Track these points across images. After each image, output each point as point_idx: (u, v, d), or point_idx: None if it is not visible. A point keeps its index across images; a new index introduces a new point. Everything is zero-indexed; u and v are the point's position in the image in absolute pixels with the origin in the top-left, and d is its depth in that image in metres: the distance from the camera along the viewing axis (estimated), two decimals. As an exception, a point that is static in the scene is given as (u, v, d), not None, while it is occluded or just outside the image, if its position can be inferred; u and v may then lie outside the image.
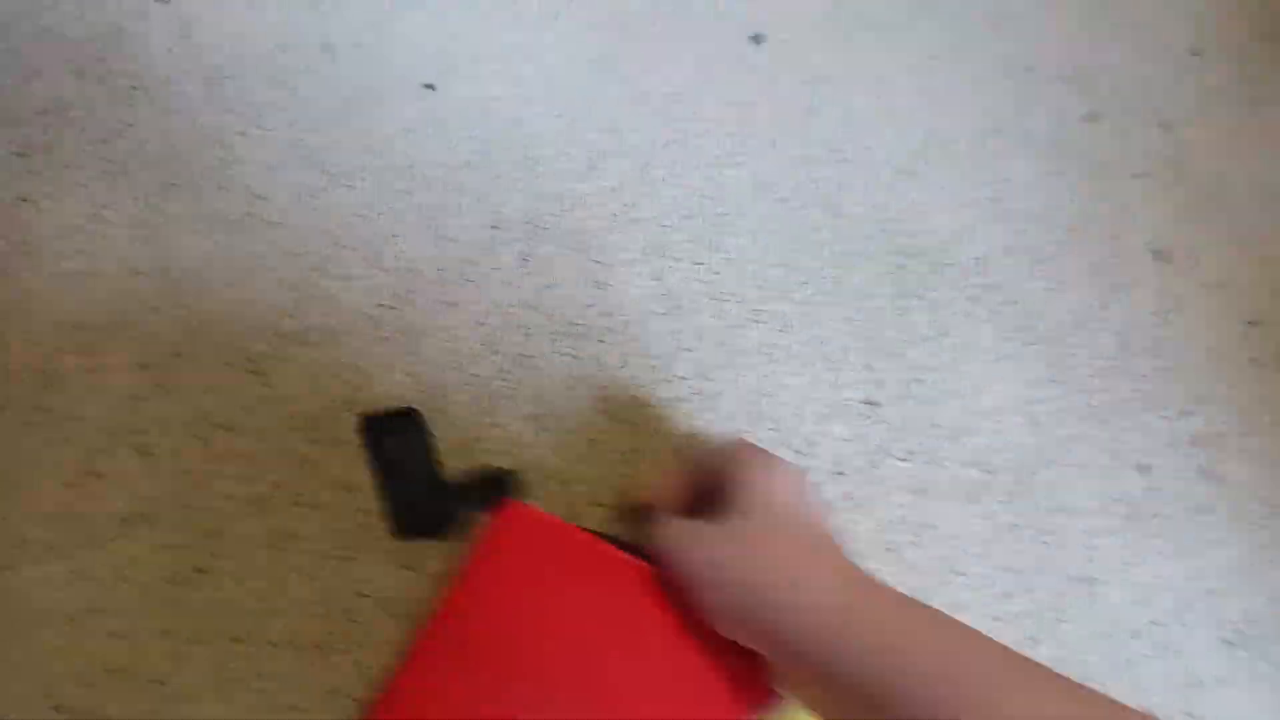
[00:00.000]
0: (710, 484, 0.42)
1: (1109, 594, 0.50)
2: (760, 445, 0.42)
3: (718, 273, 0.60)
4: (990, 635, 0.42)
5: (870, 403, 0.55)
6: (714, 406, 0.53)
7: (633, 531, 0.44)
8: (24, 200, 0.52)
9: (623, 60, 0.71)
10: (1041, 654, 0.47)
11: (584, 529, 0.41)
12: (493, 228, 0.58)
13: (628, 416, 0.52)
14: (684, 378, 0.54)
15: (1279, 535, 0.53)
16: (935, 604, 0.47)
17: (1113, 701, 0.33)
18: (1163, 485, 0.55)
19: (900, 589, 0.47)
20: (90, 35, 0.61)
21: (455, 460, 0.48)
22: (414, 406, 0.47)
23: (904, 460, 0.53)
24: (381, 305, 0.53)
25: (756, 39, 0.76)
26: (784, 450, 0.52)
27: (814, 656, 0.35)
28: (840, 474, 0.51)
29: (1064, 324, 0.62)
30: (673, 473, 0.45)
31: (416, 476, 0.44)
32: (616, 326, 0.56)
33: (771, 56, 0.75)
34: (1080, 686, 0.33)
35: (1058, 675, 0.34)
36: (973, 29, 0.84)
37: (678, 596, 0.39)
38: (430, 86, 0.65)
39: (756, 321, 0.58)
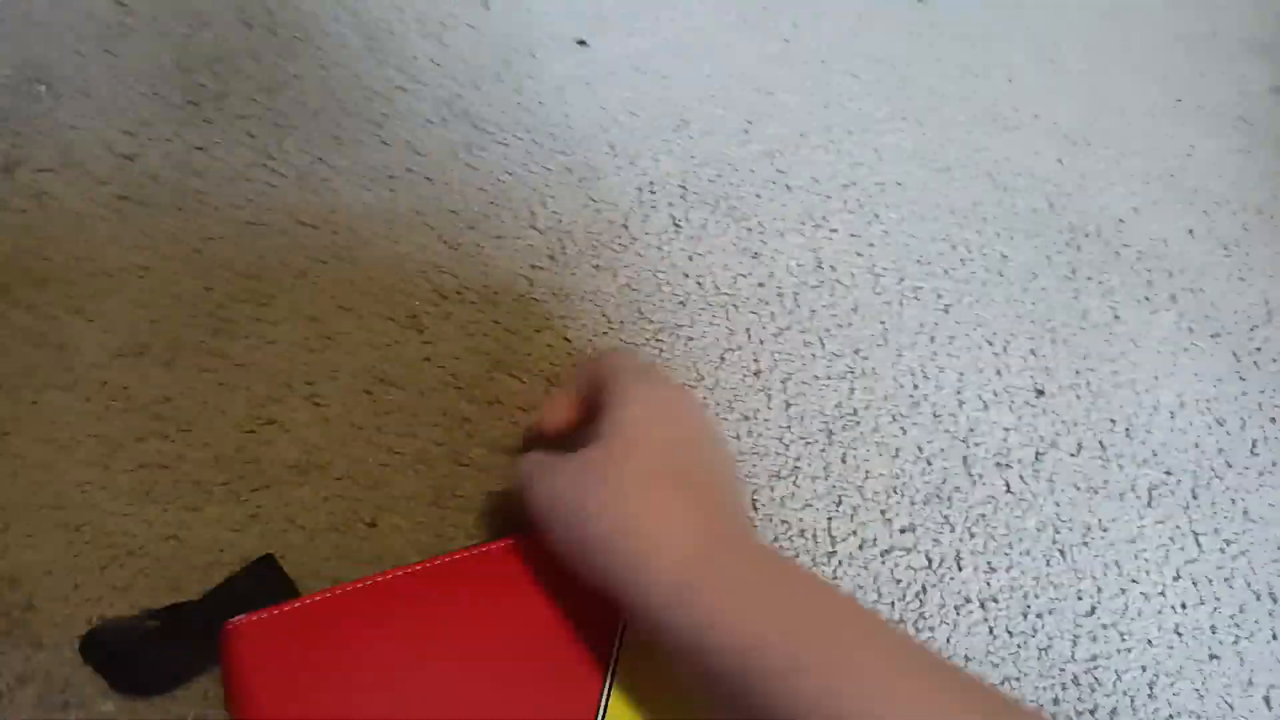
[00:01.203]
0: (590, 406, 0.37)
1: (1296, 611, 0.46)
2: (643, 359, 0.37)
3: (874, 245, 0.57)
4: (1162, 657, 0.39)
5: (1038, 391, 0.52)
6: (870, 386, 0.51)
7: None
8: (198, 149, 0.53)
9: (779, 17, 0.68)
10: (1220, 670, 0.44)
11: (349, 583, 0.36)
12: (644, 190, 0.57)
13: (782, 392, 0.50)
14: (839, 354, 0.52)
15: None
16: (1103, 612, 0.45)
17: (1003, 699, 0.28)
18: (1360, 497, 0.50)
19: (1069, 594, 0.45)
20: (257, -15, 0.61)
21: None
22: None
23: (1074, 455, 0.50)
24: (535, 266, 0.53)
25: (921, -3, 0.72)
26: (943, 435, 0.50)
27: (660, 635, 0.30)
28: (1005, 465, 0.49)
29: (1251, 315, 0.57)
30: (559, 394, 0.40)
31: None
32: (770, 298, 0.54)
33: (935, 14, 0.71)
34: (973, 684, 0.28)
35: (939, 669, 0.28)
36: (1156, -11, 0.78)
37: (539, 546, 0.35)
38: (582, 43, 0.64)
39: (916, 299, 0.55)
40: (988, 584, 0.45)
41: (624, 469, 0.32)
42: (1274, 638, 0.45)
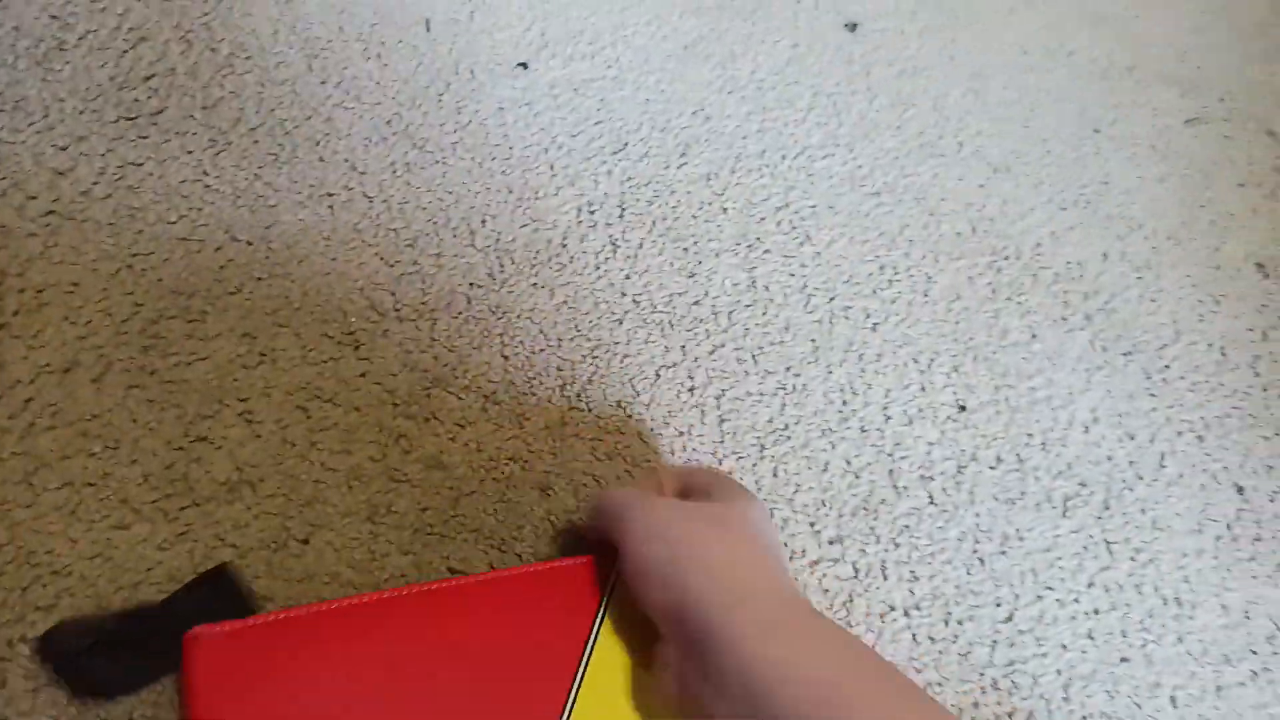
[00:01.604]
0: (690, 491, 0.43)
1: (1201, 616, 0.48)
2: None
3: (806, 266, 0.59)
4: (1076, 661, 0.41)
5: (960, 406, 0.54)
6: (801, 402, 0.53)
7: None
8: (133, 164, 0.53)
9: (715, 45, 0.70)
10: (1129, 673, 0.46)
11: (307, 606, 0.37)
12: (583, 210, 0.58)
13: (716, 409, 0.51)
14: (771, 371, 0.54)
15: (1391, 569, 0.52)
16: (1020, 619, 0.47)
17: None
18: (1260, 506, 0.53)
19: (987, 601, 0.47)
20: (196, 0, 0.61)
21: (534, 444, 0.48)
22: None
23: (993, 468, 0.52)
24: (474, 284, 0.53)
25: (851, 27, 0.75)
26: (870, 450, 0.51)
27: (734, 661, 0.33)
28: (928, 478, 0.51)
29: (1160, 335, 0.60)
30: (657, 471, 0.45)
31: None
32: (705, 316, 0.55)
33: (866, 45, 0.74)
34: None
35: None
36: (1072, 25, 0.81)
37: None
38: (524, 65, 0.65)
39: (845, 318, 0.57)
40: (911, 592, 0.47)
41: (745, 522, 0.39)
42: (1179, 641, 0.47)
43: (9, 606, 0.39)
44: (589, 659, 0.38)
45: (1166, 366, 0.59)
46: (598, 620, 0.39)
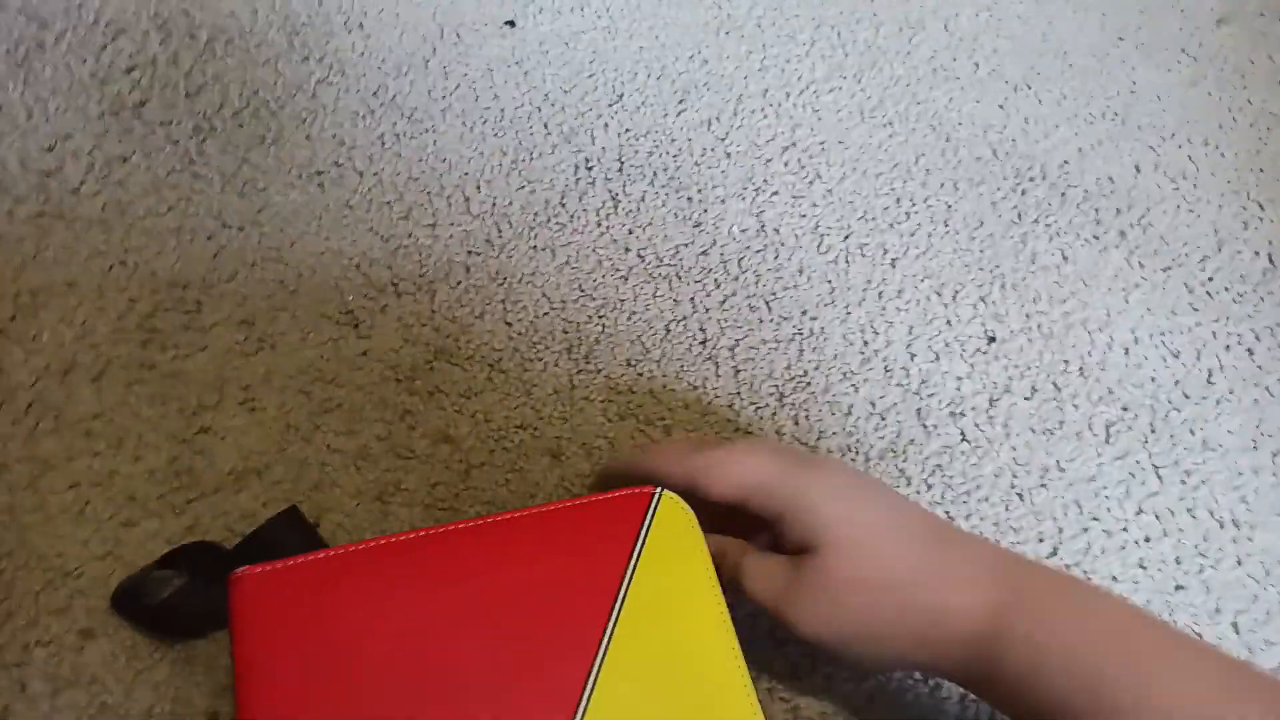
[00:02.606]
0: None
1: (1261, 537, 0.46)
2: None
3: (817, 205, 0.56)
4: (1128, 592, 0.39)
5: (989, 338, 0.51)
6: (819, 347, 0.50)
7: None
8: (119, 159, 0.52)
9: (710, -16, 0.67)
10: (1187, 601, 0.43)
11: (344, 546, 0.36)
12: (581, 168, 0.56)
13: (730, 359, 0.49)
14: (786, 317, 0.51)
15: None
16: (1066, 552, 0.44)
17: None
18: (1320, 418, 0.50)
19: (1029, 536, 0.44)
20: (172, -10, 0.60)
21: (531, 414, 0.47)
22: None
23: (1028, 399, 0.49)
24: (472, 252, 0.52)
25: (852, -47, 0.71)
26: (895, 390, 0.49)
27: (982, 687, 0.33)
28: (959, 414, 0.48)
29: (1203, 246, 0.57)
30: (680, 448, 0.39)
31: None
32: (714, 266, 0.53)
33: (869, -29, 0.70)
34: None
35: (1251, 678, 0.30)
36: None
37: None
38: (510, 23, 0.63)
39: (862, 255, 0.54)
40: (946, 535, 0.44)
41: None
42: (1238, 564, 0.45)
43: (23, 611, 0.39)
44: (628, 590, 0.36)
45: (1210, 279, 0.55)
46: (635, 553, 0.37)
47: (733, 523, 0.38)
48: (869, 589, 0.33)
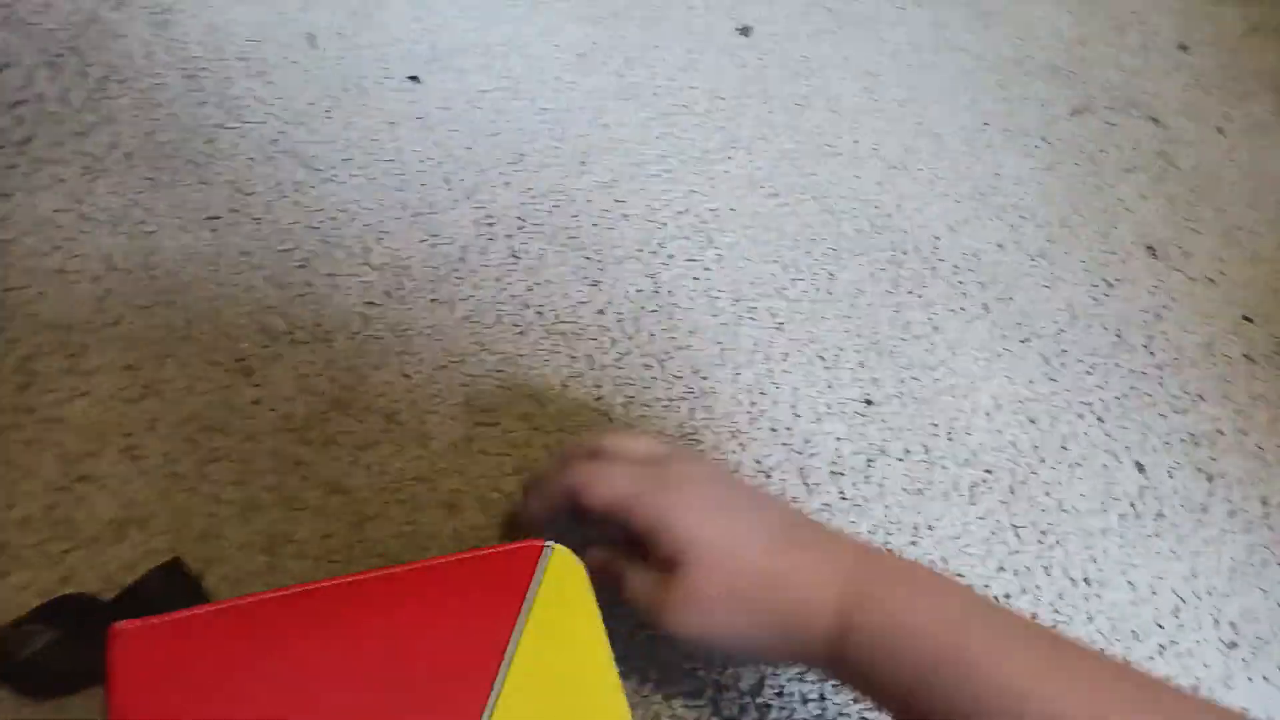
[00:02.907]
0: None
1: (1109, 594, 0.49)
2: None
3: (710, 269, 0.59)
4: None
5: (866, 400, 0.54)
6: (710, 406, 0.53)
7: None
8: (2, 196, 0.50)
9: (610, 53, 0.70)
10: (1041, 653, 0.47)
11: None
12: (482, 224, 0.57)
13: (624, 416, 0.51)
14: (679, 376, 0.53)
15: (1278, 533, 0.53)
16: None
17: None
18: (1160, 483, 0.55)
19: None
20: (63, 24, 0.59)
21: (444, 465, 0.47)
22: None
23: (901, 459, 0.52)
24: (371, 303, 0.52)
25: (744, 31, 0.76)
26: (780, 449, 0.51)
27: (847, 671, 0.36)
28: (838, 474, 0.51)
29: (1058, 320, 0.62)
30: (549, 483, 0.41)
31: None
32: (610, 324, 0.55)
33: (759, 49, 0.75)
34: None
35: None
36: (959, 22, 0.83)
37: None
38: (415, 79, 0.64)
39: (751, 319, 0.57)
40: (824, 589, 0.47)
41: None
42: (1090, 619, 0.48)
43: None
44: (518, 644, 0.37)
45: (1064, 350, 0.60)
46: (525, 607, 0.38)
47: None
48: (730, 599, 0.36)
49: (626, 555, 0.39)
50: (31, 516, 0.42)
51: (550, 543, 0.39)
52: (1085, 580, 0.50)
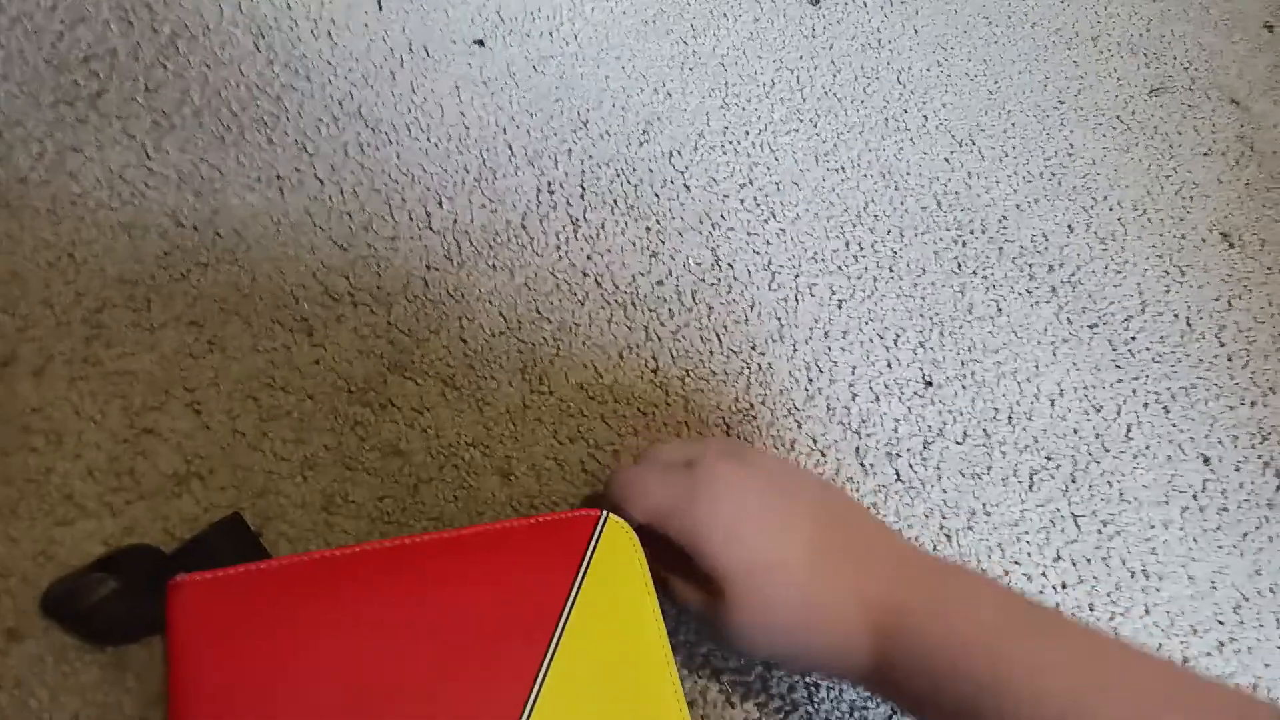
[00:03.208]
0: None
1: (1168, 588, 0.48)
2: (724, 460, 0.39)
3: (771, 243, 0.58)
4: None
5: (926, 382, 0.53)
6: (766, 381, 0.52)
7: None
8: (72, 150, 0.51)
9: (676, 20, 0.69)
10: (1098, 646, 0.46)
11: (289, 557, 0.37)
12: (543, 191, 0.57)
13: (680, 389, 0.51)
14: (736, 350, 0.53)
15: (1353, 535, 0.52)
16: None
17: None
18: (1226, 476, 0.53)
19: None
20: (136, -20, 0.59)
21: (506, 430, 0.47)
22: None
23: (959, 443, 0.51)
24: (431, 267, 0.52)
25: (814, 1, 0.74)
26: (836, 428, 0.51)
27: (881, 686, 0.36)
28: (895, 455, 0.50)
29: (1127, 306, 0.60)
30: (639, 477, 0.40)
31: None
32: (669, 296, 0.54)
33: (829, 19, 0.73)
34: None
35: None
36: (1038, -5, 0.81)
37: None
38: (480, 43, 0.63)
39: (811, 295, 0.56)
40: (878, 571, 0.46)
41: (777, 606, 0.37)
42: (1146, 612, 0.47)
43: (-52, 609, 0.38)
44: (571, 610, 0.37)
45: (1132, 338, 0.58)
46: (579, 574, 0.38)
47: None
48: (769, 632, 0.37)
49: (676, 560, 0.39)
50: (97, 467, 0.42)
51: (605, 512, 0.39)
52: (1144, 572, 0.49)
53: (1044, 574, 0.48)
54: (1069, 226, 0.64)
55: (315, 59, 0.59)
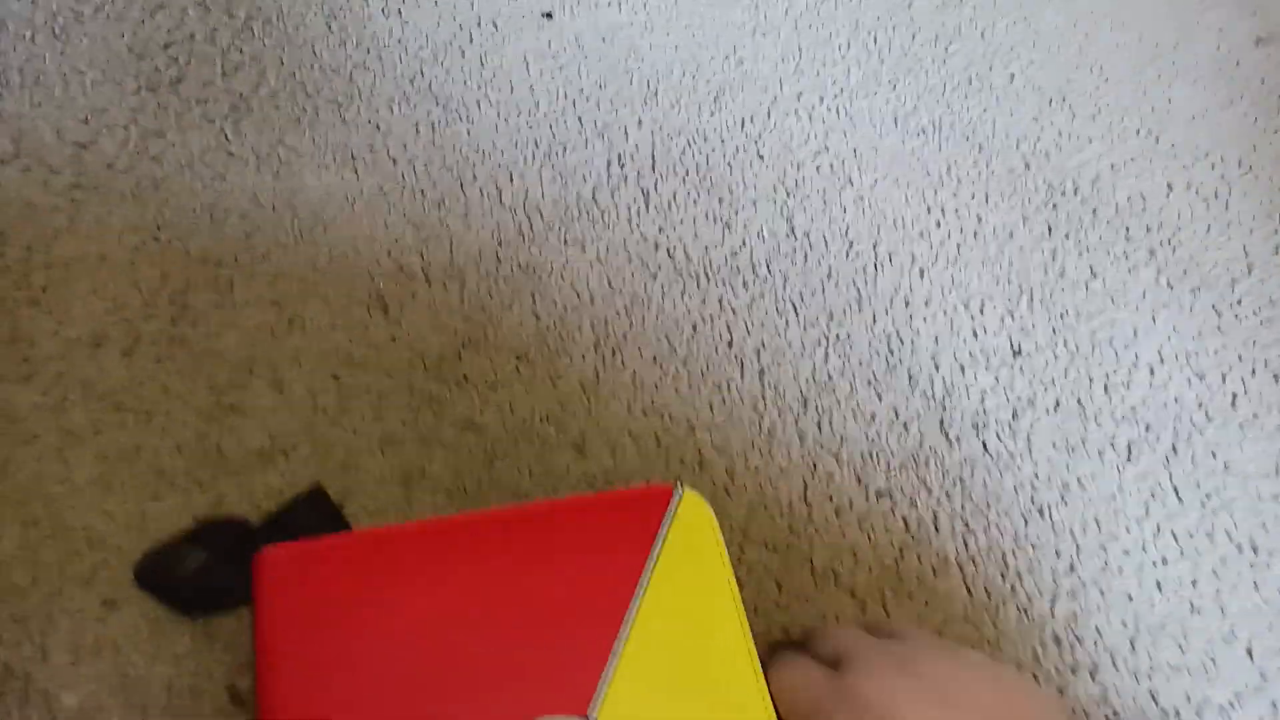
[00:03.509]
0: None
1: (1278, 564, 0.46)
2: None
3: (848, 211, 0.56)
4: (1144, 613, 0.38)
5: (1015, 350, 0.51)
6: (845, 352, 0.50)
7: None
8: (154, 134, 0.52)
9: (748, -16, 0.67)
10: (1202, 625, 0.43)
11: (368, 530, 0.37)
12: (614, 163, 0.56)
13: (756, 362, 0.50)
14: (813, 322, 0.52)
15: None
16: (1083, 570, 0.44)
17: None
18: (1343, 448, 0.50)
19: (1047, 553, 0.45)
20: (213, -33, 0.60)
21: (569, 398, 0.47)
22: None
23: (1051, 414, 0.49)
24: (503, 243, 0.52)
25: (891, -42, 0.71)
26: (919, 399, 0.49)
27: None
28: (982, 426, 0.48)
29: (1231, 269, 0.57)
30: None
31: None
32: (743, 267, 0.53)
33: (907, -23, 0.70)
34: None
35: None
36: (1131, -57, 0.76)
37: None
38: (548, 15, 0.63)
39: (890, 263, 0.54)
40: (965, 545, 0.44)
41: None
42: (1255, 589, 0.45)
43: (48, 580, 0.39)
44: (647, 585, 0.37)
45: (1239, 301, 0.55)
46: (655, 549, 0.37)
47: None
48: None
49: None
50: (185, 443, 0.43)
51: (681, 485, 0.38)
52: (1252, 548, 0.46)
53: (1143, 549, 0.45)
54: (1168, 185, 0.60)
55: (386, 38, 0.59)
